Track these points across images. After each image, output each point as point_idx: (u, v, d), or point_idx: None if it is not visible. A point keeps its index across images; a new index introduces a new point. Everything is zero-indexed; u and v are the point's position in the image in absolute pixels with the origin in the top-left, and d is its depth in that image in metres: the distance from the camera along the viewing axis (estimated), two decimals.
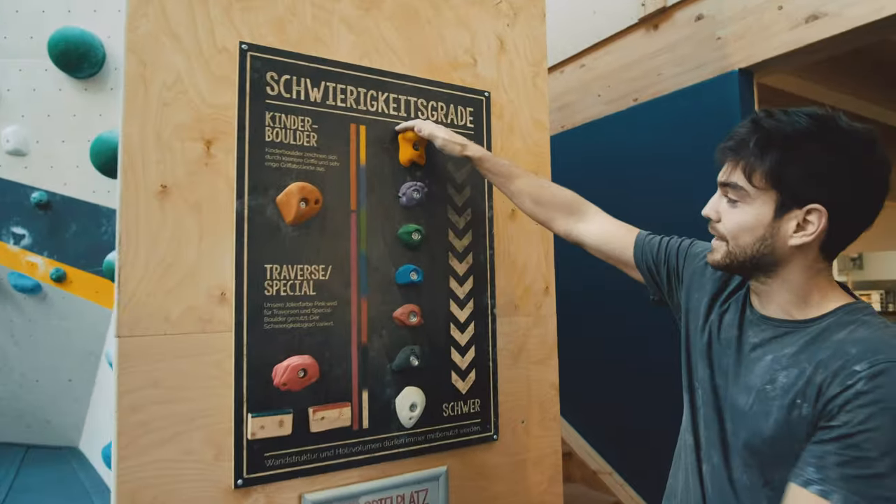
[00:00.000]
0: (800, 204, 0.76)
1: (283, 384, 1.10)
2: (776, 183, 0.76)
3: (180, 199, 1.06)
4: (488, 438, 1.36)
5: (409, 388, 1.25)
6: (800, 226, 0.76)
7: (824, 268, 0.80)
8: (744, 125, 0.80)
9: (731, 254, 0.82)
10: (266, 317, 1.11)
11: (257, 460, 1.08)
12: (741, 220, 0.80)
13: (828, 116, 0.76)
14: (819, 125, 0.75)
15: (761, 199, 0.78)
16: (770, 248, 0.78)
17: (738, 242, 0.80)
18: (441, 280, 1.31)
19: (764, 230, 0.78)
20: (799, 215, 0.76)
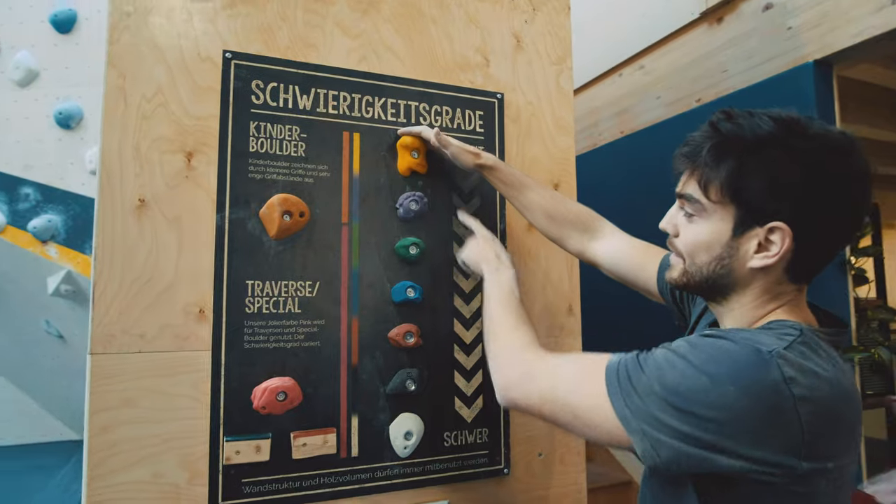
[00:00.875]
0: (761, 221, 0.66)
1: (262, 407, 1.04)
2: (734, 196, 0.67)
3: (159, 213, 1.03)
4: (497, 472, 1.23)
5: (404, 414, 1.15)
6: (762, 245, 0.67)
7: (789, 291, 0.70)
8: (702, 129, 0.71)
9: (687, 272, 0.74)
10: (246, 335, 1.06)
11: (234, 487, 1.03)
12: (697, 237, 0.72)
13: (796, 119, 0.66)
14: (784, 129, 0.65)
15: (718, 213, 0.69)
16: (727, 268, 0.70)
17: (694, 260, 0.73)
18: (444, 298, 1.21)
19: (721, 249, 0.70)
20: (760, 234, 0.67)
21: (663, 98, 2.63)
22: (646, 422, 0.63)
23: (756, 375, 0.60)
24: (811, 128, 0.66)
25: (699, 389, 0.61)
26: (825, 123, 0.67)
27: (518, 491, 1.25)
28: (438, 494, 1.18)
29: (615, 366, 0.69)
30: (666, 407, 0.62)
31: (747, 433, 0.59)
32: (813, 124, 0.66)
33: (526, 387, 0.77)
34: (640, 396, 0.64)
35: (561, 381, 0.73)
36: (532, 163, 1.34)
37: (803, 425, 0.59)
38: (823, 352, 0.65)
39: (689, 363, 0.63)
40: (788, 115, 0.67)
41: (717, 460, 0.60)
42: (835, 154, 0.64)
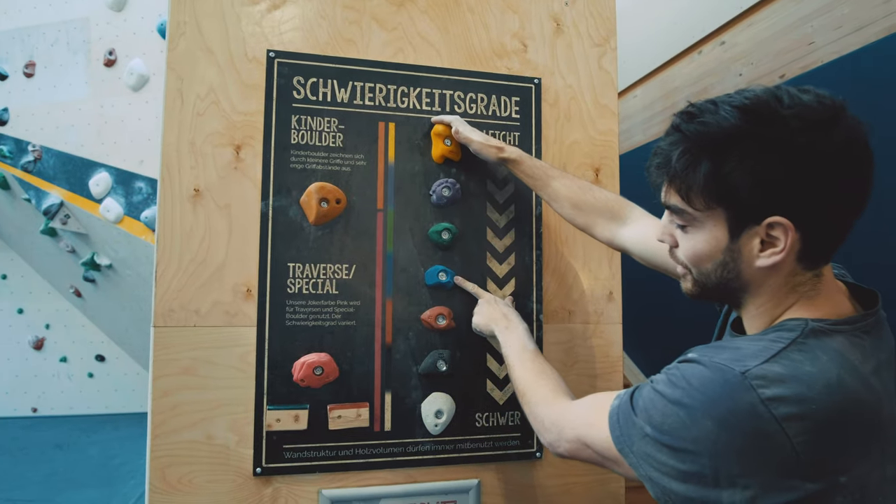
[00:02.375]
0: (756, 219, 0.62)
1: (301, 380, 1.12)
2: (719, 200, 0.63)
3: (211, 202, 1.14)
4: (530, 455, 1.25)
5: (436, 393, 1.20)
6: (765, 243, 0.63)
7: (806, 280, 0.66)
8: (668, 134, 0.67)
9: (697, 282, 0.71)
10: (288, 314, 1.15)
11: (276, 451, 1.12)
12: (695, 248, 0.68)
13: (762, 101, 0.61)
14: (751, 117, 0.60)
15: (710, 220, 0.66)
16: (735, 272, 0.67)
17: (700, 270, 0.70)
18: (476, 282, 1.24)
19: (723, 255, 0.66)
20: (760, 232, 0.63)
21: (745, 75, 2.47)
22: (651, 465, 0.62)
23: (729, 404, 0.57)
24: (781, 107, 0.60)
25: (680, 426, 0.60)
26: (799, 94, 0.61)
27: (550, 475, 1.27)
28: (469, 473, 1.22)
29: (615, 412, 0.68)
30: (661, 447, 0.61)
31: (738, 465, 0.57)
32: (784, 100, 0.60)
33: (563, 441, 0.79)
34: (638, 440, 0.63)
35: (581, 430, 0.74)
36: (571, 147, 1.33)
37: (795, 446, 0.56)
38: (831, 351, 0.60)
39: (666, 400, 0.62)
40: (755, 96, 0.61)
41: (724, 496, 0.57)
42: (814, 130, 0.59)
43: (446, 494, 1.20)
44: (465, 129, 1.18)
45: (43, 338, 4.89)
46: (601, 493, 1.30)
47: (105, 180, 3.55)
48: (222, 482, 1.11)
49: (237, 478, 1.12)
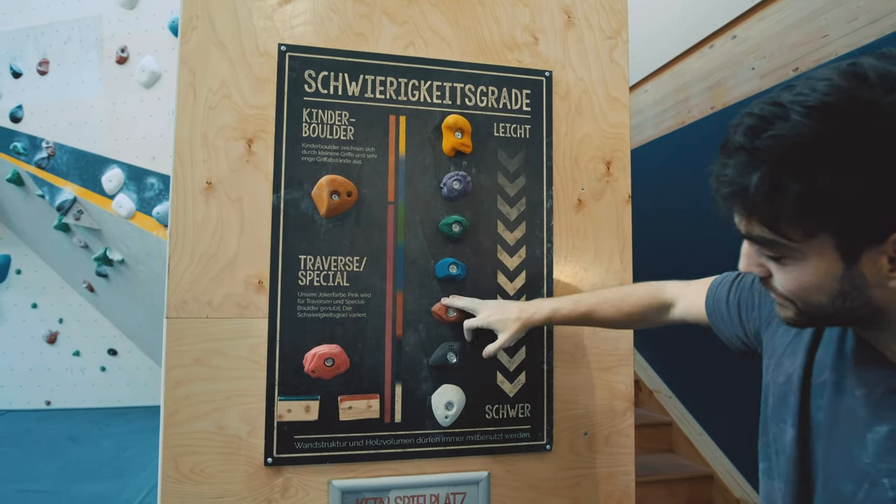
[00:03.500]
0: (876, 237, 0.50)
1: (311, 371, 1.13)
2: (821, 225, 0.51)
3: (224, 194, 1.15)
4: (540, 448, 1.25)
5: (446, 385, 1.20)
6: (894, 260, 0.51)
7: None
8: (729, 153, 0.54)
9: (804, 313, 0.59)
10: (299, 305, 1.15)
11: (287, 442, 1.13)
12: (801, 281, 0.56)
13: (844, 91, 0.48)
14: (838, 114, 0.48)
15: (813, 249, 0.53)
16: (861, 300, 0.54)
17: (809, 302, 0.57)
18: (487, 275, 1.24)
19: (839, 284, 0.54)
20: (887, 249, 0.50)
21: (758, 69, 2.46)
22: None
23: None
24: (873, 91, 0.47)
25: None
26: (885, 64, 0.48)
27: (561, 468, 1.27)
28: (479, 465, 1.23)
29: None
30: None
31: None
32: (870, 78, 0.48)
33: None
34: None
35: None
36: (582, 141, 1.33)
37: None
38: None
39: None
40: (833, 87, 0.48)
41: None
42: None
43: (456, 486, 1.20)
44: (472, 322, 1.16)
45: (56, 332, 4.95)
46: (611, 485, 1.30)
47: (117, 176, 3.58)
48: (234, 472, 1.12)
49: (248, 467, 1.13)
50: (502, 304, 1.15)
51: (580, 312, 1.08)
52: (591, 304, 1.08)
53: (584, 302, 1.08)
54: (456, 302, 1.19)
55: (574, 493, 1.27)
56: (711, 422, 2.74)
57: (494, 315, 1.12)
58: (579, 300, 1.09)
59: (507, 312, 1.10)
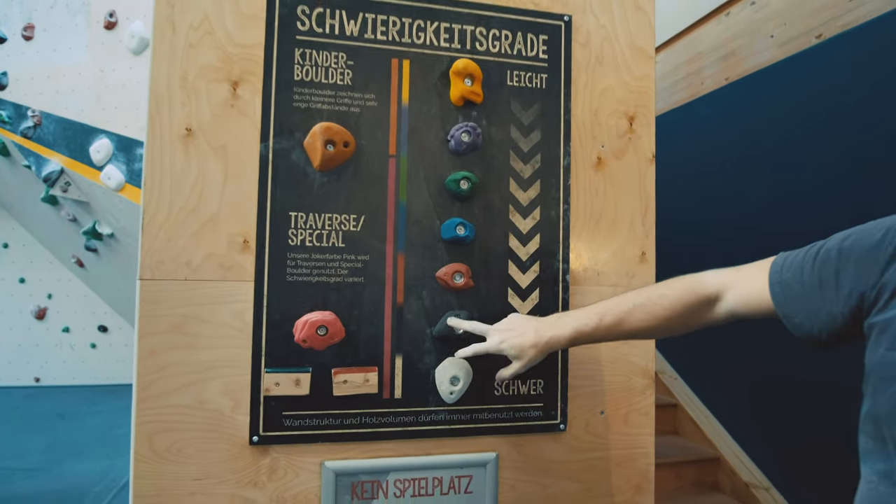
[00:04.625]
0: None
1: (302, 340, 1.02)
2: None
3: (205, 142, 1.03)
4: (553, 427, 1.14)
5: (451, 359, 1.09)
6: None
7: None
8: None
9: None
10: (289, 268, 1.04)
11: (274, 418, 1.02)
12: None
13: None
14: None
15: None
16: None
17: None
18: (498, 237, 1.12)
19: None
20: None
21: (777, 37, 2.32)
22: None
23: None
24: None
25: None
26: None
27: (575, 449, 1.16)
28: (487, 445, 1.12)
29: None
30: None
31: None
32: None
33: None
34: None
35: None
36: (604, 94, 1.20)
37: None
38: None
39: None
40: None
41: None
42: None
43: (461, 468, 1.10)
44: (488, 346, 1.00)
45: (45, 308, 4.83)
46: (629, 469, 1.19)
47: (106, 147, 3.44)
48: (215, 451, 1.01)
49: (232, 447, 1.02)
50: (515, 326, 0.99)
51: (607, 325, 0.92)
52: (620, 313, 0.92)
53: (611, 312, 0.92)
54: (463, 325, 1.05)
55: (589, 477, 1.17)
56: (718, 404, 2.64)
57: (507, 341, 0.97)
58: (604, 311, 0.93)
59: (522, 337, 0.96)
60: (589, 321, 0.93)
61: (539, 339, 0.94)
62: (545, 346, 0.94)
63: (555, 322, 0.96)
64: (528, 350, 0.95)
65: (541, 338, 0.94)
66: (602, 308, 0.93)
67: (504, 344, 0.97)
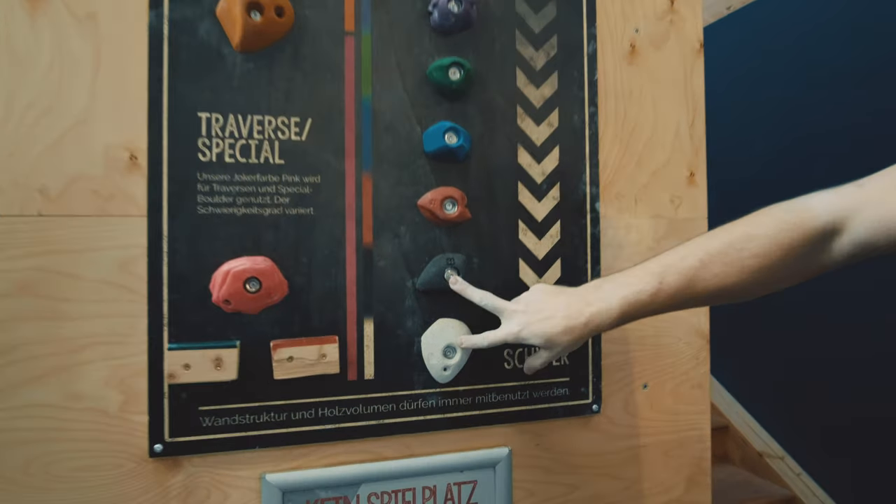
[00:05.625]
0: None
1: (224, 301, 0.69)
2: None
3: (64, 9, 0.67)
4: (583, 409, 0.84)
5: (444, 321, 0.77)
6: None
7: None
8: None
9: None
10: (201, 195, 0.70)
11: (186, 417, 0.69)
12: None
13: None
14: None
15: None
16: None
17: None
18: (503, 150, 0.80)
19: None
20: None
21: None
22: None
23: None
24: None
25: None
26: None
27: (613, 437, 0.87)
28: (496, 438, 0.81)
29: None
30: None
31: None
32: None
33: None
34: None
35: None
36: None
37: None
38: None
39: None
40: None
41: None
42: None
43: (461, 472, 0.79)
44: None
45: None
46: (680, 458, 0.91)
47: None
48: (99, 469, 0.68)
49: (124, 461, 0.68)
50: (539, 304, 0.69)
51: (672, 289, 0.62)
52: (687, 270, 0.61)
53: (675, 270, 0.62)
54: (468, 293, 0.74)
55: (630, 473, 0.88)
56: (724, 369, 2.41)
57: (530, 327, 0.67)
58: (664, 270, 0.62)
59: (550, 321, 0.66)
60: (644, 287, 0.63)
61: (573, 322, 0.65)
62: (584, 331, 0.65)
63: (594, 294, 0.66)
64: (559, 338, 0.66)
65: (576, 321, 0.65)
66: (659, 265, 0.63)
67: (525, 331, 0.68)
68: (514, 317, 0.70)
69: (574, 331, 0.65)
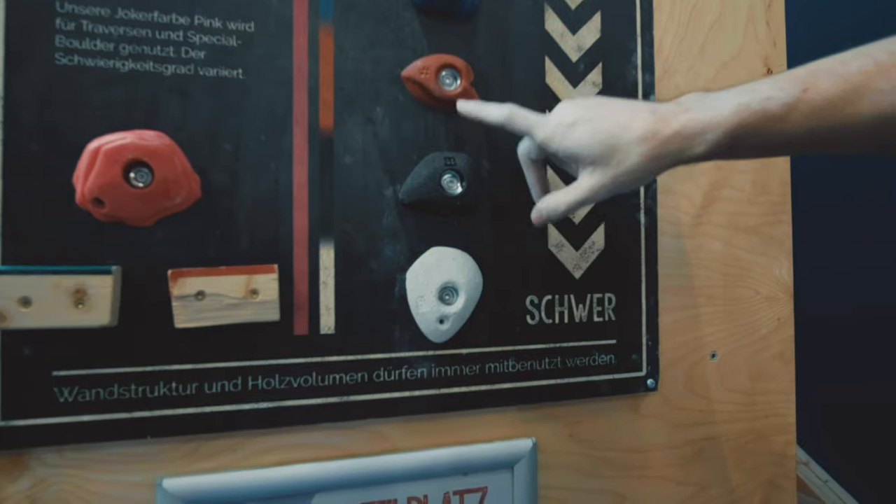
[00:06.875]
0: None
1: (93, 200, 0.43)
2: None
3: None
4: (635, 385, 0.60)
5: (440, 250, 0.52)
6: None
7: None
8: None
9: None
10: (62, 35, 0.44)
11: (31, 387, 0.43)
12: None
13: None
14: None
15: None
16: None
17: None
18: (525, 7, 0.56)
19: None
20: None
21: None
22: None
23: None
24: None
25: None
26: None
27: (674, 425, 0.62)
28: (514, 426, 0.56)
29: None
30: None
31: None
32: None
33: None
34: None
35: None
36: None
37: None
38: None
39: None
40: None
41: None
42: None
43: (465, 475, 0.53)
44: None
45: None
46: (758, 455, 0.66)
47: None
48: None
49: None
50: (603, 103, 0.43)
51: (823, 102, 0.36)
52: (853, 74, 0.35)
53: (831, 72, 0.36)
54: (489, 114, 0.48)
55: (696, 475, 0.63)
56: None
57: (583, 124, 0.42)
58: (814, 73, 0.37)
59: (621, 118, 0.41)
60: (777, 93, 0.37)
61: (658, 125, 0.40)
62: (670, 143, 0.40)
63: (697, 101, 0.40)
64: (629, 148, 0.40)
65: (663, 124, 0.40)
66: (806, 70, 0.38)
67: (581, 129, 0.42)
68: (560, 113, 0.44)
69: (657, 138, 0.39)
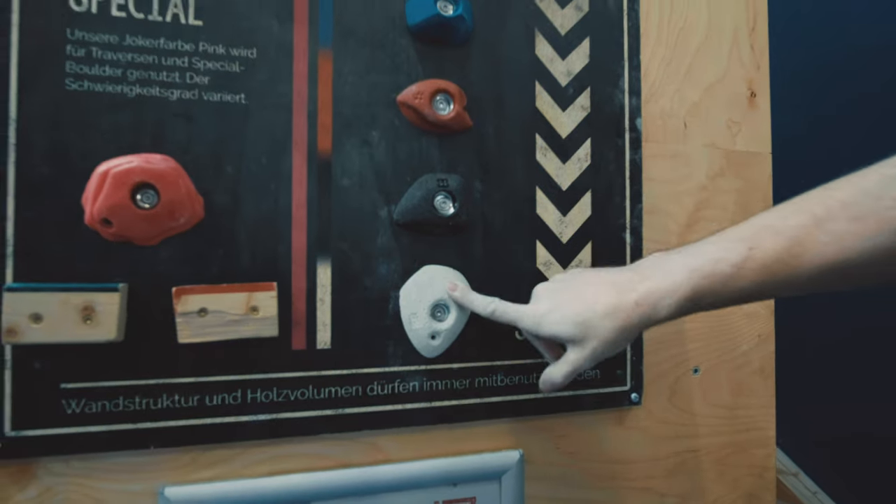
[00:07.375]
0: None
1: (102, 221, 0.45)
2: None
3: None
4: (619, 399, 0.62)
5: (433, 268, 0.55)
6: None
7: None
8: None
9: None
10: (72, 62, 0.46)
11: (40, 399, 0.45)
12: None
13: None
14: None
15: None
16: None
17: None
18: (515, 35, 0.59)
19: None
20: None
21: None
22: None
23: None
24: None
25: None
26: None
27: (657, 438, 0.64)
28: (502, 438, 0.58)
29: None
30: None
31: None
32: None
33: None
34: None
35: None
36: None
37: None
38: None
39: None
40: None
41: None
42: None
43: (454, 486, 0.56)
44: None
45: None
46: (739, 467, 0.69)
47: None
48: None
49: None
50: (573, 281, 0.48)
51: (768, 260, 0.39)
52: (793, 229, 0.39)
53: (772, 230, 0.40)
54: (473, 302, 0.53)
55: (679, 486, 0.65)
56: None
57: (559, 310, 0.46)
58: (758, 232, 0.40)
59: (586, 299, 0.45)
60: (725, 254, 0.41)
61: (621, 298, 0.44)
62: (633, 314, 0.44)
63: (653, 268, 0.45)
64: (597, 323, 0.44)
65: (624, 297, 0.44)
66: (750, 228, 0.41)
67: (553, 315, 0.47)
68: (537, 301, 0.49)
69: (620, 312, 0.43)
